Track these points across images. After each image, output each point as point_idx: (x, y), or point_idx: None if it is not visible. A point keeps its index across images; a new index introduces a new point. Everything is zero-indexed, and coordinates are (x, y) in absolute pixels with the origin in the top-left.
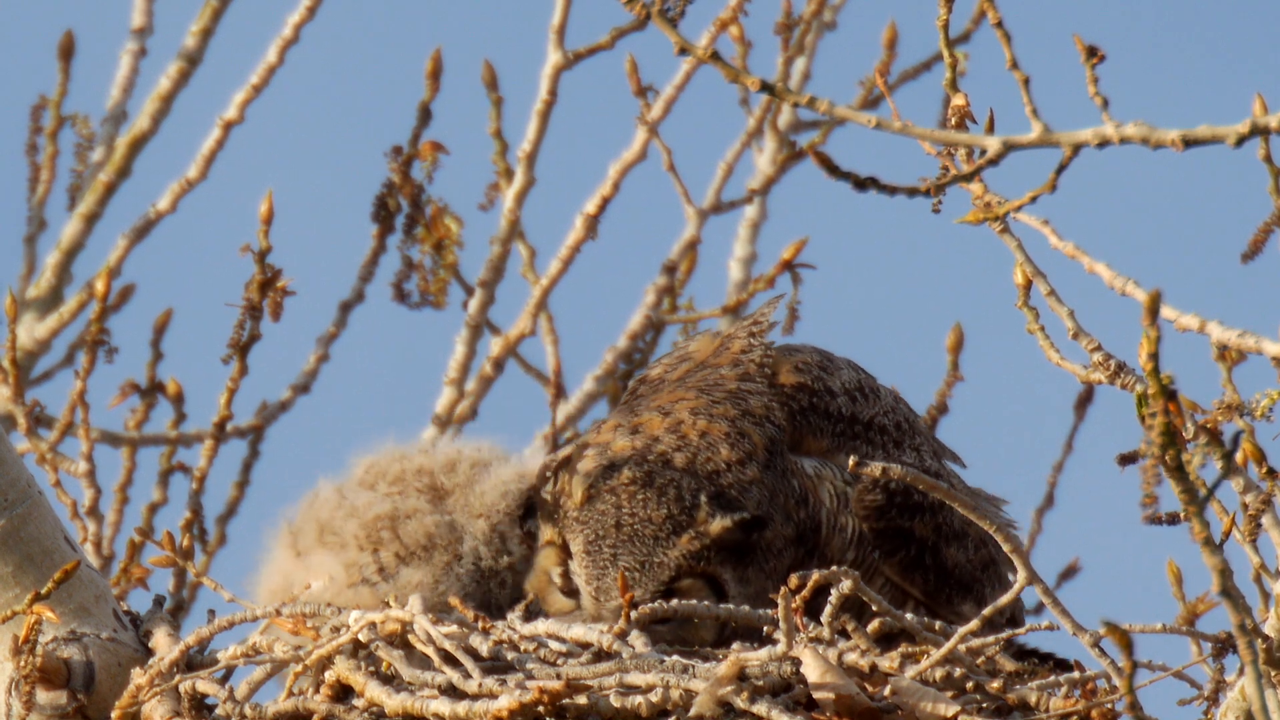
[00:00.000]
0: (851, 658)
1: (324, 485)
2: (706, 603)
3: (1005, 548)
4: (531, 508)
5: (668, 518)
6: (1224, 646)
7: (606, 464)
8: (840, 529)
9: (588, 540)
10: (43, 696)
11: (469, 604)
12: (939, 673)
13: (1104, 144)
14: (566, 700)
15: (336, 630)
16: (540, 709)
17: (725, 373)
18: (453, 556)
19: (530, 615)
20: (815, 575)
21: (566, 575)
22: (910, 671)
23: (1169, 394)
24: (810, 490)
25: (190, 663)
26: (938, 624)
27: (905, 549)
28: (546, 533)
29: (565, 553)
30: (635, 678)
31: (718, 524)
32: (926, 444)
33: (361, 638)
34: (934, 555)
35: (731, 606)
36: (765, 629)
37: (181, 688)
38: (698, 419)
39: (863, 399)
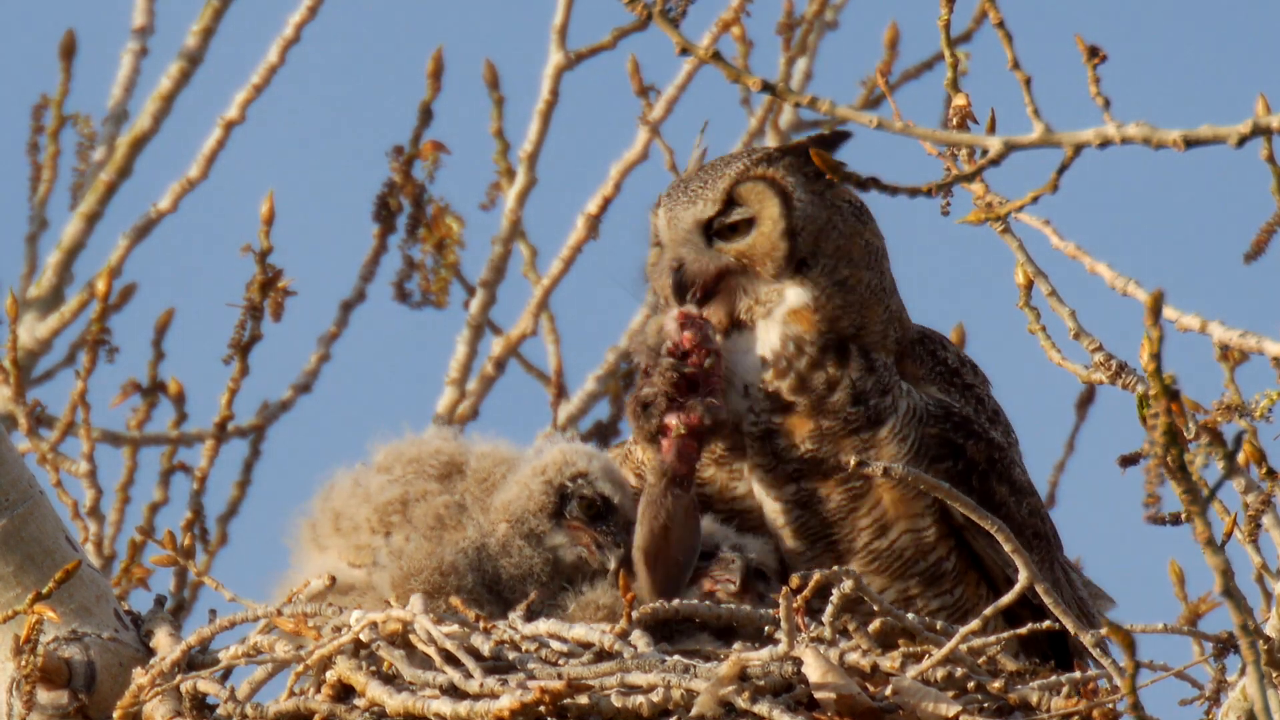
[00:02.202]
0: (853, 657)
1: (340, 475)
2: (708, 603)
3: (1006, 548)
4: (565, 497)
5: (749, 149)
6: (1225, 647)
7: None
8: (901, 437)
9: (672, 185)
10: (44, 696)
11: (473, 583)
12: (940, 672)
13: (1106, 144)
14: (568, 700)
15: (338, 630)
16: (542, 709)
17: None
18: (460, 536)
19: (532, 615)
20: (817, 575)
21: None
22: (912, 671)
23: (1172, 394)
24: (894, 392)
25: (191, 662)
26: (939, 624)
27: (953, 460)
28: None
29: None
30: (637, 677)
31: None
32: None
33: (363, 637)
34: (982, 481)
35: (734, 607)
36: (767, 629)
37: (183, 687)
38: None
39: (971, 370)
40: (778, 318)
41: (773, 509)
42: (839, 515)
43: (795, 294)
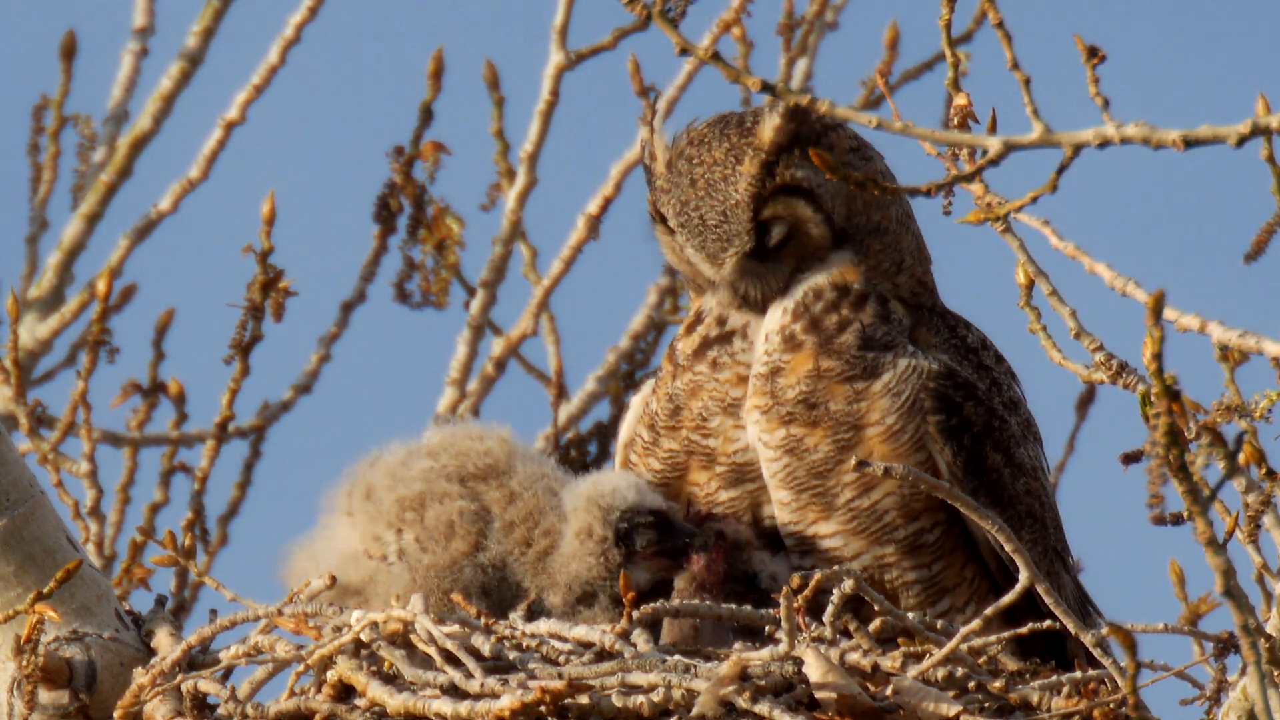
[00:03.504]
0: (853, 657)
1: (394, 446)
2: (709, 602)
3: (1007, 547)
4: (630, 528)
5: (729, 150)
6: (1226, 646)
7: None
8: (895, 392)
9: (676, 210)
10: (45, 696)
11: (475, 598)
12: (941, 672)
13: (1105, 144)
14: (569, 700)
15: (338, 630)
16: (542, 709)
17: None
18: (470, 547)
19: (533, 615)
20: (817, 575)
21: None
22: (912, 671)
23: (1173, 394)
24: (897, 350)
25: (192, 662)
26: (939, 623)
27: (948, 415)
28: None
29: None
30: (637, 677)
31: (766, 125)
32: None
33: (363, 637)
34: (975, 442)
35: (734, 607)
36: (767, 629)
37: (183, 687)
38: None
39: (994, 358)
40: (821, 278)
41: (766, 456)
42: (826, 466)
43: (838, 257)
